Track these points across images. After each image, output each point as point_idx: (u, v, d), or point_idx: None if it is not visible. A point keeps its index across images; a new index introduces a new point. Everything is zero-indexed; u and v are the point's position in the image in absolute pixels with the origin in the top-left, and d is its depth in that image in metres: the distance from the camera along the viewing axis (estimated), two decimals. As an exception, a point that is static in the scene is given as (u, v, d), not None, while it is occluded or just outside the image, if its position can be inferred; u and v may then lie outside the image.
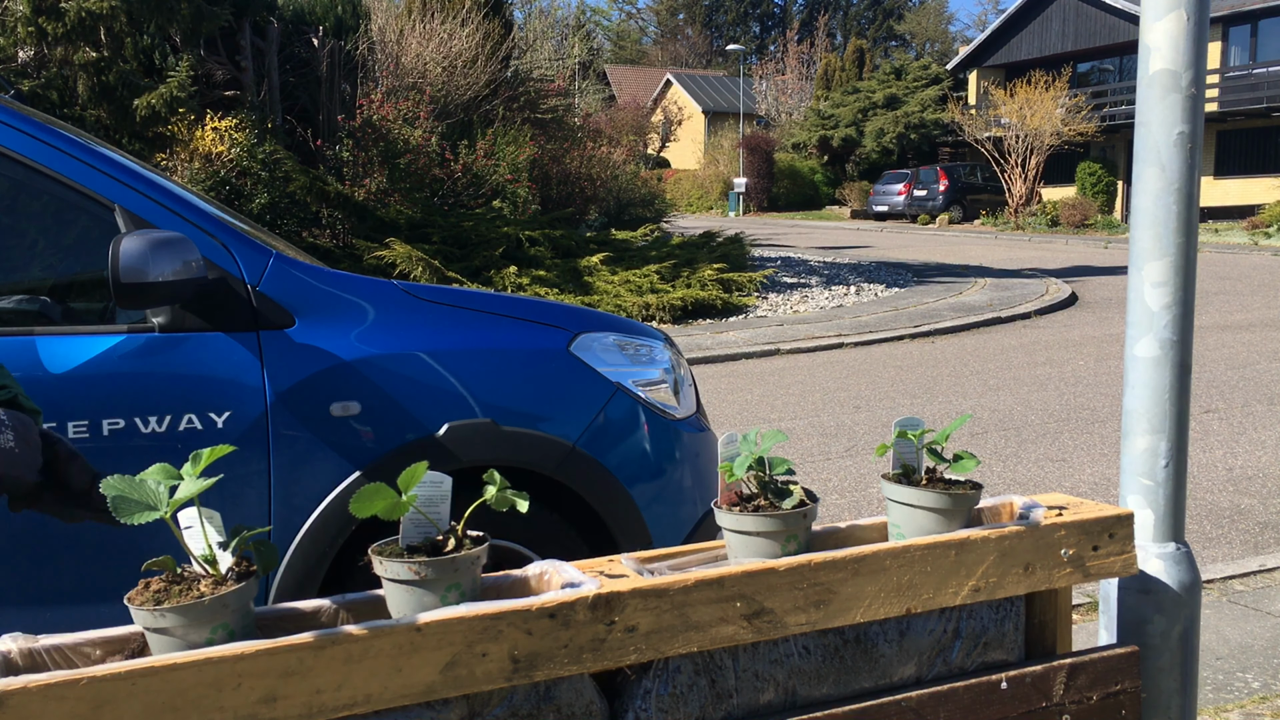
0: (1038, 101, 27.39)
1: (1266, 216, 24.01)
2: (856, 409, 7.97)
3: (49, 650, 1.10)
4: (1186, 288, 1.69)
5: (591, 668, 1.18)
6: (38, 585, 2.48)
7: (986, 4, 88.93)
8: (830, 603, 1.29)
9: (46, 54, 10.74)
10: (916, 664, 1.39)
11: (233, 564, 1.09)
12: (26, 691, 0.96)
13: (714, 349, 10.47)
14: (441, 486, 1.18)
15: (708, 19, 71.48)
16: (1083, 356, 9.98)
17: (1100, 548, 1.45)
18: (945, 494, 1.39)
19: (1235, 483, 5.86)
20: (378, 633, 1.08)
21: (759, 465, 1.35)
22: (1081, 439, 6.87)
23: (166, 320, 2.49)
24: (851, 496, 5.74)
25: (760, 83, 45.35)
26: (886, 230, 30.23)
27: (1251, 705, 3.25)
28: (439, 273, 11.39)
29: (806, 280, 15.81)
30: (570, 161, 15.10)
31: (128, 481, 1.07)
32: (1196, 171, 1.68)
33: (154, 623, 1.04)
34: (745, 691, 1.29)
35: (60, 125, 2.82)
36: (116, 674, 0.98)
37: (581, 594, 1.17)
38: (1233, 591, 4.22)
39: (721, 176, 39.60)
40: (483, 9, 15.20)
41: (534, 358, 2.79)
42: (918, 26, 72.11)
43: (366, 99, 12.88)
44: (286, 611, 1.19)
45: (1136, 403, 1.72)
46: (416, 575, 1.12)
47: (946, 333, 11.71)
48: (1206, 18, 1.66)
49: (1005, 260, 19.54)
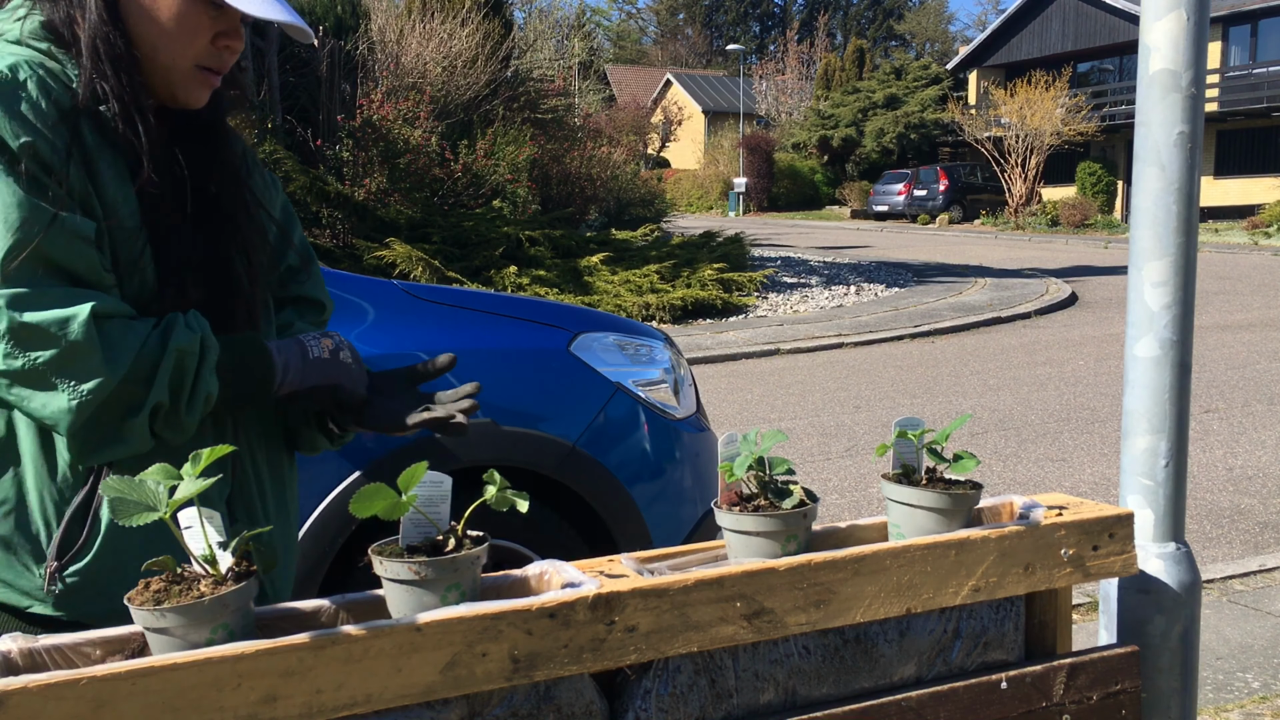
0: (1038, 101, 27.40)
1: (1266, 216, 24.01)
2: (856, 409, 7.97)
3: (49, 650, 1.10)
4: (1186, 288, 1.69)
5: (591, 668, 1.18)
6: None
7: (986, 4, 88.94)
8: (830, 603, 1.29)
9: (46, 54, 10.73)
10: (916, 664, 1.39)
11: (233, 564, 1.09)
12: (26, 691, 0.96)
13: (714, 349, 10.47)
14: (441, 486, 1.18)
15: (708, 19, 71.49)
16: (1083, 356, 9.98)
17: (1100, 548, 1.45)
18: (945, 494, 1.39)
19: (1235, 483, 5.86)
20: (378, 633, 1.08)
21: (759, 465, 1.35)
22: (1081, 439, 6.87)
23: (166, 320, 2.49)
24: (851, 496, 5.74)
25: (760, 83, 45.35)
26: (886, 230, 30.23)
27: (1251, 705, 3.25)
28: (439, 273, 11.40)
29: (806, 280, 15.81)
30: (570, 161, 15.10)
31: (127, 482, 1.07)
32: (1196, 171, 1.68)
33: (154, 623, 1.04)
34: (745, 691, 1.30)
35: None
36: (116, 674, 0.98)
37: (581, 594, 1.17)
38: (1233, 591, 4.22)
39: (721, 176, 39.60)
40: (483, 9, 15.19)
41: (534, 357, 2.79)
42: (918, 26, 72.12)
43: (366, 99, 12.87)
44: (286, 611, 1.19)
45: (1136, 403, 1.72)
46: (416, 575, 1.12)
47: (946, 333, 11.71)
48: (1206, 18, 1.66)
49: (1005, 260, 19.54)
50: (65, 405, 1.22)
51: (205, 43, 1.35)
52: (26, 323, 1.20)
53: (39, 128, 1.24)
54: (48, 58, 1.31)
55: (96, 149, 1.30)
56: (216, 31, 1.35)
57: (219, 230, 1.42)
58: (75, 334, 1.21)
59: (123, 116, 1.30)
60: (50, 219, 1.23)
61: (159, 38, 1.32)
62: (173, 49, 1.33)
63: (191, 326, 1.30)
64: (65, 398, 1.22)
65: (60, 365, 1.21)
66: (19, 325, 1.20)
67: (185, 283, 1.36)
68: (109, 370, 1.22)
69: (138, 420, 1.26)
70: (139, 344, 1.26)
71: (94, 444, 1.25)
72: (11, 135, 1.22)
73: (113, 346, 1.23)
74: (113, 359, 1.23)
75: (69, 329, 1.21)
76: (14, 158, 1.22)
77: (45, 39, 1.33)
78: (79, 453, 1.26)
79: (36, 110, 1.25)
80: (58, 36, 1.33)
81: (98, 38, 1.29)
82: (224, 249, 1.42)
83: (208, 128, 1.44)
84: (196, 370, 1.29)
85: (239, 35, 1.37)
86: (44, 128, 1.25)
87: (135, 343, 1.25)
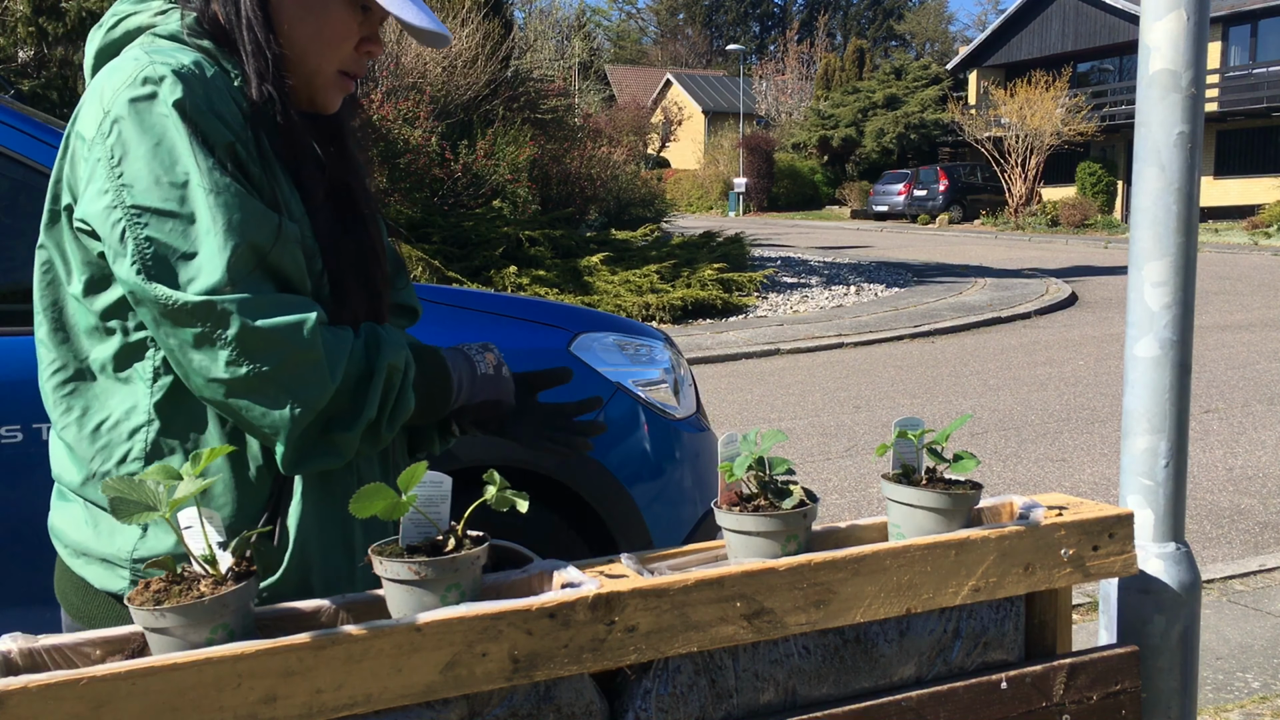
0: (1038, 101, 27.39)
1: (1266, 216, 24.01)
2: (856, 409, 7.97)
3: (49, 650, 1.10)
4: (1186, 288, 1.69)
5: (591, 668, 1.19)
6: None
7: (986, 4, 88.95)
8: (830, 603, 1.29)
9: (46, 54, 10.75)
10: (916, 664, 1.39)
11: (233, 564, 1.09)
12: (26, 691, 0.96)
13: (714, 349, 10.47)
14: (441, 486, 1.18)
15: (708, 19, 71.48)
16: (1083, 356, 9.98)
17: (1100, 548, 1.45)
18: (945, 494, 1.39)
19: (1235, 483, 5.86)
20: (378, 633, 1.08)
21: (759, 465, 1.35)
22: (1081, 439, 6.87)
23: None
24: (851, 496, 5.74)
25: (760, 83, 45.35)
26: (886, 230, 30.23)
27: (1251, 705, 3.25)
28: (439, 272, 11.40)
29: (806, 280, 15.81)
30: (570, 161, 15.09)
31: (127, 482, 1.07)
32: (1196, 171, 1.68)
33: (154, 623, 1.04)
34: (745, 691, 1.30)
35: (60, 125, 2.82)
36: (116, 674, 0.98)
37: (581, 594, 1.17)
38: (1233, 591, 4.22)
39: (721, 176, 39.59)
40: (483, 9, 15.19)
41: (534, 358, 2.79)
42: (918, 26, 72.11)
43: (366, 99, 12.87)
44: (286, 611, 1.19)
45: (1136, 403, 1.72)
46: (416, 575, 1.12)
47: (946, 333, 11.71)
48: (1206, 18, 1.66)
49: (1005, 260, 19.54)
50: (287, 415, 1.18)
51: (351, 47, 1.33)
52: (258, 329, 1.16)
53: (235, 126, 1.22)
54: (209, 56, 1.27)
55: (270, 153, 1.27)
56: (362, 36, 1.34)
57: (362, 233, 1.40)
58: (304, 342, 1.18)
59: (286, 117, 1.28)
60: (276, 223, 1.21)
61: (309, 41, 1.30)
62: (322, 53, 1.31)
63: (397, 343, 1.29)
64: (288, 407, 1.18)
65: (286, 374, 1.18)
66: (250, 331, 1.16)
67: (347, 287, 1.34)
68: (330, 380, 1.20)
69: (350, 434, 1.23)
70: (348, 352, 1.24)
71: (305, 454, 1.22)
72: (211, 130, 1.20)
73: (329, 354, 1.21)
74: (333, 367, 1.21)
75: (298, 337, 1.18)
76: (221, 158, 1.19)
77: (203, 35, 1.29)
78: (291, 462, 1.22)
79: (229, 109, 1.23)
80: (214, 35, 1.29)
81: (260, 40, 1.27)
82: (369, 251, 1.40)
83: (341, 131, 1.42)
84: (401, 387, 1.28)
85: (380, 41, 1.36)
86: (238, 126, 1.23)
87: (344, 351, 1.23)
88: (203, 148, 1.18)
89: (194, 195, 1.17)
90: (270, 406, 1.18)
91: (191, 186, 1.17)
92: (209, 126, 1.19)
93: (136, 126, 1.17)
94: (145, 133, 1.17)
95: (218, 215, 1.16)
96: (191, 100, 1.18)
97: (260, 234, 1.19)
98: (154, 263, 1.16)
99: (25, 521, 2.45)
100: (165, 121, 1.17)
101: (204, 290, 1.15)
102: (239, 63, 1.27)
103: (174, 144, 1.17)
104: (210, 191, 1.17)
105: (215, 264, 1.16)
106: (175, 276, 1.16)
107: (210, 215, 1.16)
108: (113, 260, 1.19)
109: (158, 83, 1.18)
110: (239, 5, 1.27)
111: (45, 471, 2.46)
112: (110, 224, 1.17)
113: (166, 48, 1.25)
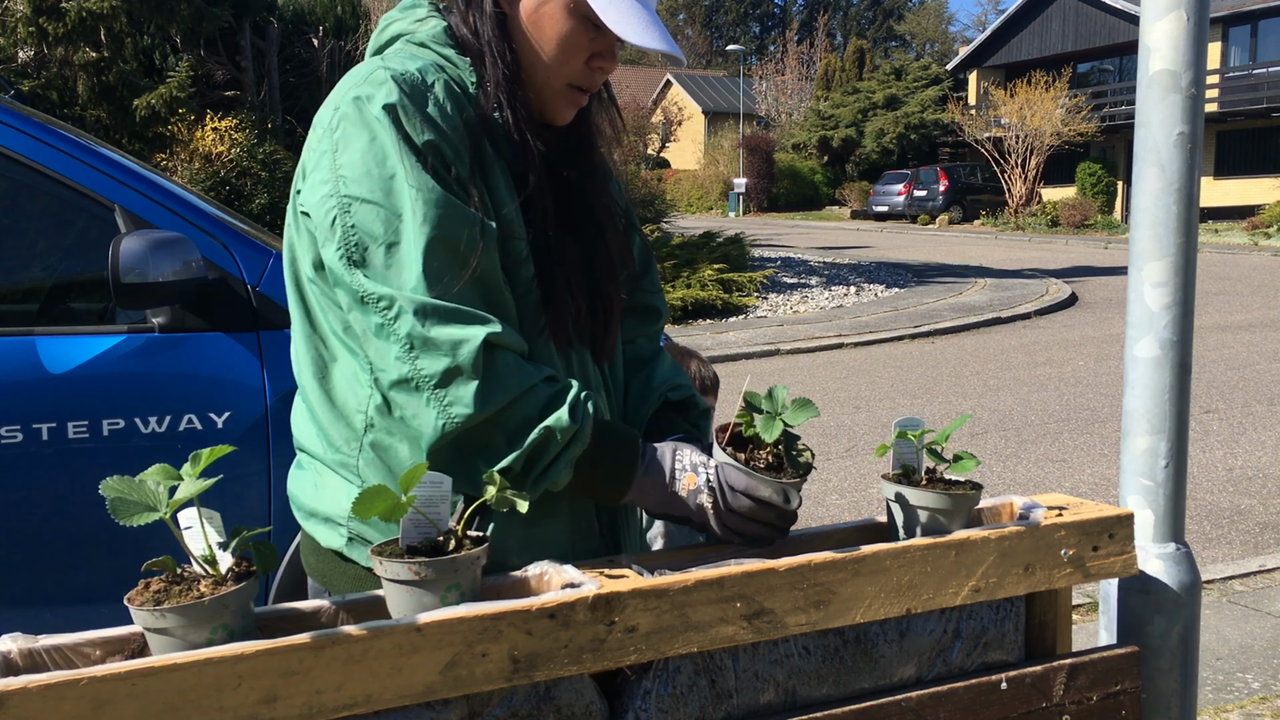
0: (1038, 102, 27.39)
1: (1266, 216, 24.01)
2: (856, 409, 7.97)
3: (49, 650, 1.10)
4: (1186, 288, 1.69)
5: (591, 668, 1.18)
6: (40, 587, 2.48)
7: (986, 4, 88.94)
8: (830, 603, 1.29)
9: (46, 54, 10.75)
10: (916, 664, 1.39)
11: (233, 564, 1.09)
12: (26, 692, 0.96)
13: (714, 349, 10.47)
14: (441, 486, 1.18)
15: (708, 19, 71.52)
16: (1083, 356, 9.98)
17: (1100, 548, 1.45)
18: (945, 494, 1.39)
19: (1235, 483, 5.86)
20: (378, 633, 1.08)
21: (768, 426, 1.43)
22: (1081, 439, 6.87)
23: (166, 320, 2.49)
24: (851, 497, 5.74)
25: (760, 83, 45.33)
26: (886, 230, 30.23)
27: (1251, 705, 3.25)
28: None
29: (806, 280, 15.81)
30: (570, 162, 15.05)
31: (127, 482, 1.07)
32: (1196, 171, 1.68)
33: (154, 623, 1.04)
34: (745, 692, 1.29)
35: (60, 125, 2.83)
36: (116, 674, 0.98)
37: (581, 594, 1.17)
38: (1233, 591, 4.22)
39: (721, 177, 39.59)
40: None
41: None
42: (918, 27, 72.13)
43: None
44: (286, 611, 1.19)
45: (1136, 403, 1.72)
46: (416, 575, 1.12)
47: (946, 333, 11.71)
48: (1206, 18, 1.66)
49: (1005, 260, 19.54)
50: (433, 423, 1.25)
51: (581, 63, 1.38)
52: (428, 336, 1.23)
53: (446, 131, 1.29)
54: (447, 64, 1.36)
55: (491, 160, 1.34)
56: (593, 52, 1.38)
57: (595, 240, 1.45)
58: (463, 359, 1.23)
59: (516, 126, 1.35)
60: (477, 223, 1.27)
61: (540, 55, 1.37)
62: (551, 67, 1.37)
63: (577, 414, 1.29)
64: (434, 415, 1.24)
65: (440, 384, 1.24)
66: (420, 336, 1.23)
67: (569, 293, 1.38)
68: (480, 404, 1.24)
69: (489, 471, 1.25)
70: (522, 389, 1.27)
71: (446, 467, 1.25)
72: (417, 133, 1.26)
73: (496, 379, 1.25)
74: (489, 393, 1.24)
75: (459, 352, 1.23)
76: (421, 155, 1.26)
77: (448, 44, 1.38)
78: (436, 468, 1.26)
79: (443, 114, 1.30)
80: (460, 43, 1.38)
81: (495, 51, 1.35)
82: (599, 258, 1.44)
83: (579, 139, 1.47)
84: (555, 456, 1.29)
85: (614, 57, 1.40)
86: (450, 131, 1.29)
87: (518, 387, 1.27)
88: (408, 147, 1.26)
89: (399, 190, 1.25)
90: (421, 410, 1.25)
91: (397, 181, 1.25)
92: (414, 128, 1.27)
93: (355, 124, 1.27)
94: (362, 130, 1.27)
95: (418, 210, 1.25)
96: (402, 103, 1.27)
97: (457, 231, 1.26)
98: (356, 249, 1.25)
99: (25, 521, 2.45)
100: (376, 122, 1.26)
101: (395, 284, 1.24)
102: (477, 70, 1.36)
103: (384, 142, 1.26)
104: (414, 187, 1.25)
105: (411, 255, 1.24)
106: (374, 264, 1.25)
107: (411, 209, 1.25)
108: (322, 244, 1.29)
109: (378, 86, 1.28)
110: (480, 18, 1.36)
111: (45, 471, 2.47)
112: (324, 211, 1.27)
113: (404, 53, 1.36)
